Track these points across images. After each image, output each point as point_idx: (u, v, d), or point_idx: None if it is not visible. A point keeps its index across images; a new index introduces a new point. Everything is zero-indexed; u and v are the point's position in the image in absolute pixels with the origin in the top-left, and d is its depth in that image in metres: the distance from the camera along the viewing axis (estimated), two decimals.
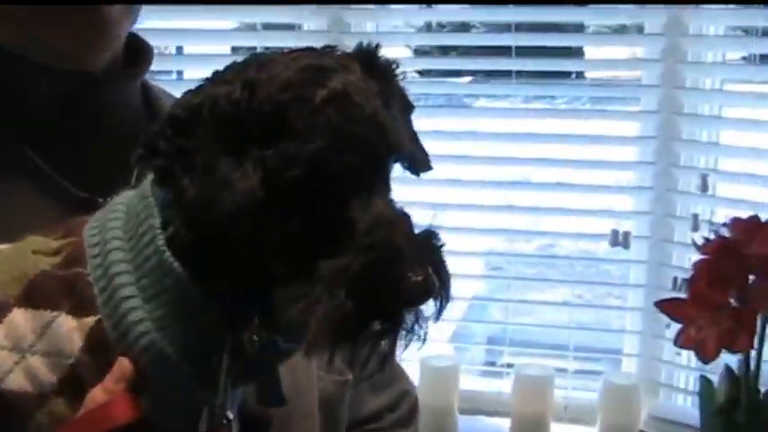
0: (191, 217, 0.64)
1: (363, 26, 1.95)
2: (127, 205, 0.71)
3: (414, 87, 0.79)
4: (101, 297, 0.68)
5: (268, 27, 2.05)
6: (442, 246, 0.66)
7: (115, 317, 0.67)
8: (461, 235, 1.95)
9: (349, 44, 0.71)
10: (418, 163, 0.71)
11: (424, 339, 0.66)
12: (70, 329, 0.68)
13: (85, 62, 0.88)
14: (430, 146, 0.73)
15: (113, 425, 0.65)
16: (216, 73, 0.66)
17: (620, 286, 2.22)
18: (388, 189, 0.66)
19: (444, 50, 2.33)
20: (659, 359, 1.86)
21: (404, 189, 0.69)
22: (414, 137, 0.72)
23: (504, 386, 1.94)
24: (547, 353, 2.09)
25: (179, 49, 2.20)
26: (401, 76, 0.72)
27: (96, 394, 0.66)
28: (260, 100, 0.62)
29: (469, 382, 1.98)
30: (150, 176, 0.71)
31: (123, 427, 0.66)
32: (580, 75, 2.59)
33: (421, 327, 0.65)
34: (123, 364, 0.66)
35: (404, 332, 0.64)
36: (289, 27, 2.03)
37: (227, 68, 0.66)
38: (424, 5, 2.01)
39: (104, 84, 0.91)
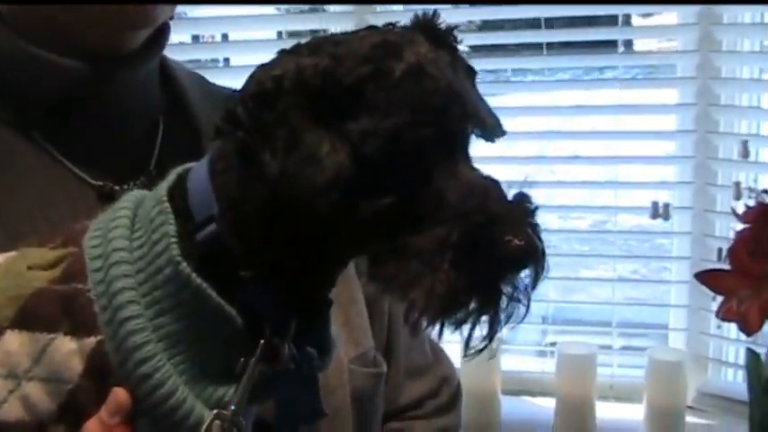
0: (271, 194, 0.61)
1: None
2: (136, 209, 0.68)
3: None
4: (102, 316, 0.64)
5: (314, 10, 2.04)
6: (536, 209, 0.64)
7: (116, 339, 0.63)
8: None
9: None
10: (491, 129, 0.68)
11: (526, 311, 0.63)
12: (69, 352, 0.64)
13: (118, 45, 0.86)
14: None
15: None
16: (284, 51, 0.64)
17: (664, 259, 2.16)
18: (470, 158, 0.65)
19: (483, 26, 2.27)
20: (707, 333, 1.81)
21: None
22: (483, 103, 0.69)
23: (547, 366, 1.90)
24: (593, 330, 2.05)
25: (224, 36, 2.20)
26: (460, 42, 0.70)
27: (90, 427, 0.63)
28: (343, 73, 0.60)
29: (513, 363, 1.94)
30: (168, 178, 0.69)
31: None
32: (628, 45, 2.51)
33: (521, 298, 0.63)
34: (119, 396, 0.63)
35: (506, 304, 0.62)
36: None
37: (299, 45, 0.64)
38: None
39: (127, 66, 0.88)
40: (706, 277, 1.23)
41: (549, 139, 2.07)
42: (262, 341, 0.65)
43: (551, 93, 2.09)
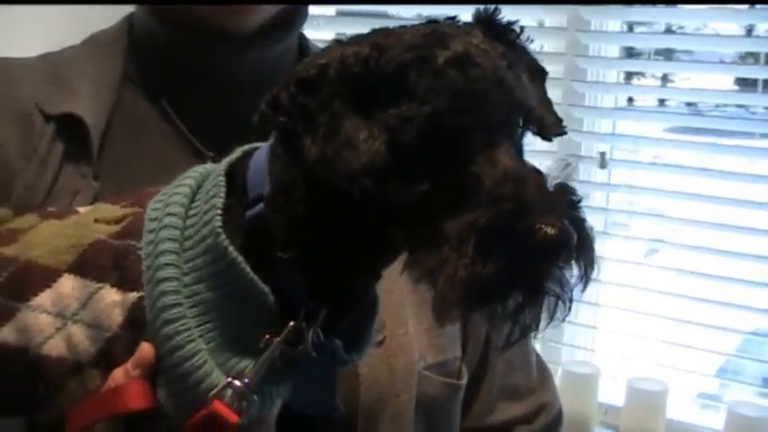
0: (310, 178, 0.63)
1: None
2: (202, 180, 0.71)
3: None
4: (146, 274, 0.68)
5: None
6: (579, 201, 0.61)
7: (151, 298, 0.67)
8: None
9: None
10: (548, 126, 0.67)
11: (569, 308, 0.61)
12: (112, 303, 0.68)
13: (231, 26, 0.92)
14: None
15: (123, 409, 0.66)
16: (336, 41, 0.66)
17: None
18: (517, 147, 0.63)
19: None
20: None
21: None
22: (544, 101, 0.68)
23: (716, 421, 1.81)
24: None
25: None
26: (527, 40, 0.69)
27: (117, 375, 0.67)
28: (386, 60, 0.61)
29: (679, 412, 1.85)
30: (233, 155, 0.71)
31: (134, 412, 0.66)
32: None
33: (565, 294, 0.60)
34: (144, 350, 0.66)
35: (547, 299, 0.60)
36: None
37: (356, 36, 0.65)
38: None
39: (251, 46, 0.93)
40: None
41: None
42: (291, 324, 0.66)
43: None
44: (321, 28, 2.04)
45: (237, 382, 0.65)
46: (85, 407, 0.68)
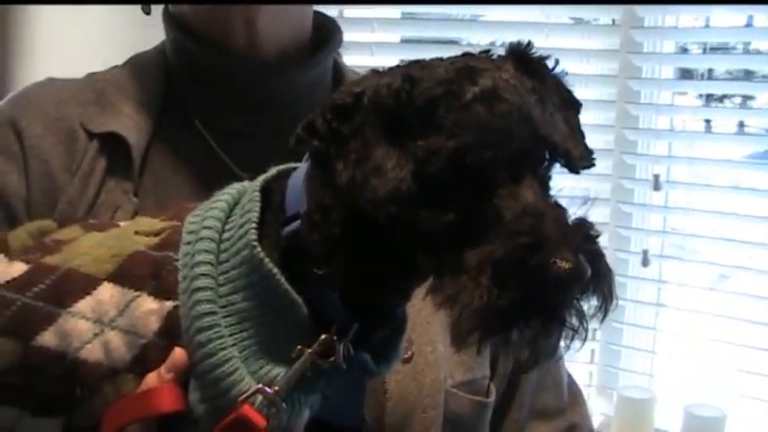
0: (340, 201, 0.66)
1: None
2: (239, 197, 0.74)
3: None
4: (182, 284, 0.71)
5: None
6: (597, 236, 0.63)
7: (186, 306, 0.70)
8: None
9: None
10: (575, 159, 0.68)
11: (584, 339, 0.63)
12: (149, 311, 0.71)
13: (255, 51, 0.95)
14: None
15: (155, 411, 0.68)
16: (374, 70, 0.68)
17: None
18: (541, 182, 0.65)
19: None
20: None
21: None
22: (574, 133, 0.70)
23: None
24: None
25: None
26: (560, 73, 0.71)
27: (150, 379, 0.70)
28: (417, 93, 0.63)
29: None
30: (268, 172, 0.74)
31: (165, 415, 0.68)
32: None
33: (582, 324, 0.62)
34: (176, 355, 0.69)
35: (564, 330, 0.62)
36: None
37: (393, 67, 0.68)
38: None
39: (280, 70, 0.96)
40: None
41: None
42: (323, 336, 0.68)
43: None
44: (385, 54, 2.06)
45: (268, 389, 0.67)
46: (119, 409, 0.70)
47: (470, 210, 0.62)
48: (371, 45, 2.02)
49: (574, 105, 0.71)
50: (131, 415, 0.70)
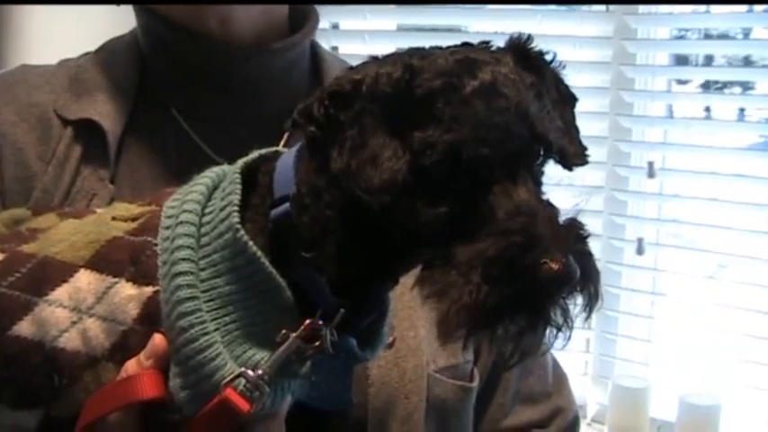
0: (333, 185, 0.65)
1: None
2: (219, 180, 0.73)
3: None
4: (162, 269, 0.69)
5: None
6: (587, 236, 0.63)
7: (167, 291, 0.68)
8: None
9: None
10: (570, 156, 0.68)
11: (568, 337, 0.63)
12: (128, 297, 0.70)
13: (228, 34, 0.93)
14: None
15: (135, 399, 0.67)
16: (374, 57, 0.67)
17: None
18: (535, 179, 0.65)
19: None
20: None
21: None
22: (569, 129, 0.69)
23: None
24: None
25: (334, 25, 2.18)
26: (559, 67, 0.70)
27: (130, 366, 0.68)
28: (416, 84, 0.63)
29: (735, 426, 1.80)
30: (250, 156, 0.73)
31: (145, 401, 0.67)
32: None
33: (566, 323, 0.63)
34: (156, 341, 0.68)
35: (548, 328, 0.62)
36: None
37: (392, 54, 0.67)
38: None
39: (255, 53, 0.95)
40: None
41: None
42: (307, 321, 0.67)
43: None
44: (381, 42, 2.04)
45: (251, 372, 0.66)
46: (99, 397, 0.69)
47: (464, 204, 0.62)
48: (364, 33, 1.99)
49: (570, 100, 0.71)
50: (112, 403, 0.68)
